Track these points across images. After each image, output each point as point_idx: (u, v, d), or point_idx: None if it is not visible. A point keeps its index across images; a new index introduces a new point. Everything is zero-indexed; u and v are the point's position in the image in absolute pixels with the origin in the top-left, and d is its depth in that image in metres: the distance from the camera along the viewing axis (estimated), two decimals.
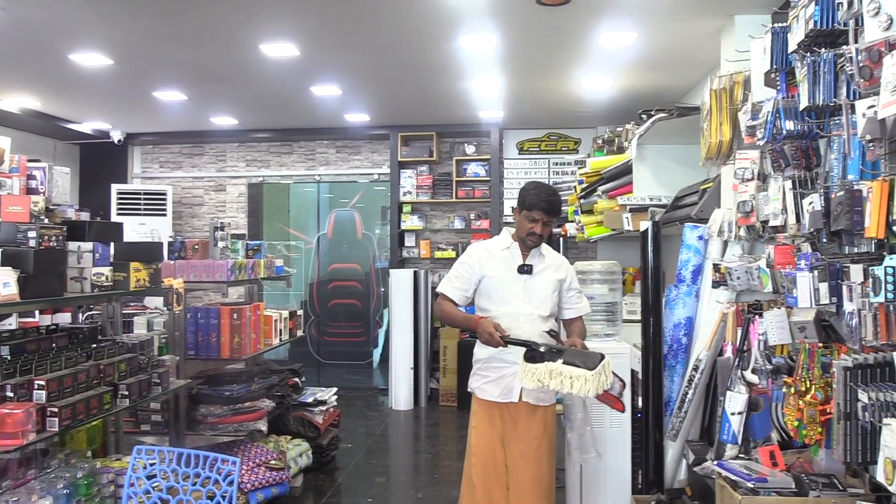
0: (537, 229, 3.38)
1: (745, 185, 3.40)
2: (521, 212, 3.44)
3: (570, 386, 3.02)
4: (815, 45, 2.70)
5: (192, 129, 8.64)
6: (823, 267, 2.63)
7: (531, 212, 3.39)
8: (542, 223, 3.38)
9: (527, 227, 3.41)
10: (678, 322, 4.30)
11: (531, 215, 3.39)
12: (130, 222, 8.10)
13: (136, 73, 6.00)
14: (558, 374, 3.03)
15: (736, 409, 3.34)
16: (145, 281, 3.60)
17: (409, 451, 6.57)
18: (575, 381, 3.01)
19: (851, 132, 2.46)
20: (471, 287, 3.47)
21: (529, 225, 3.39)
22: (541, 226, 3.38)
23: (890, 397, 2.21)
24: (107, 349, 3.45)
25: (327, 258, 9.11)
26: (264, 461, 4.55)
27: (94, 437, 3.98)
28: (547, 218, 3.39)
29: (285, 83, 6.31)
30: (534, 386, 3.09)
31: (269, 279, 5.35)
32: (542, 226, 3.39)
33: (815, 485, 2.71)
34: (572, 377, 3.02)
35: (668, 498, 4.09)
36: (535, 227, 3.38)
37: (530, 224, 3.39)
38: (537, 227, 3.38)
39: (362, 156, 8.86)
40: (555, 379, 3.03)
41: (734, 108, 3.71)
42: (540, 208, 3.37)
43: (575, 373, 3.02)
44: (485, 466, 3.37)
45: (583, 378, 3.01)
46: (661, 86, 6.22)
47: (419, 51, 5.34)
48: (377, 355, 9.00)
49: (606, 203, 5.86)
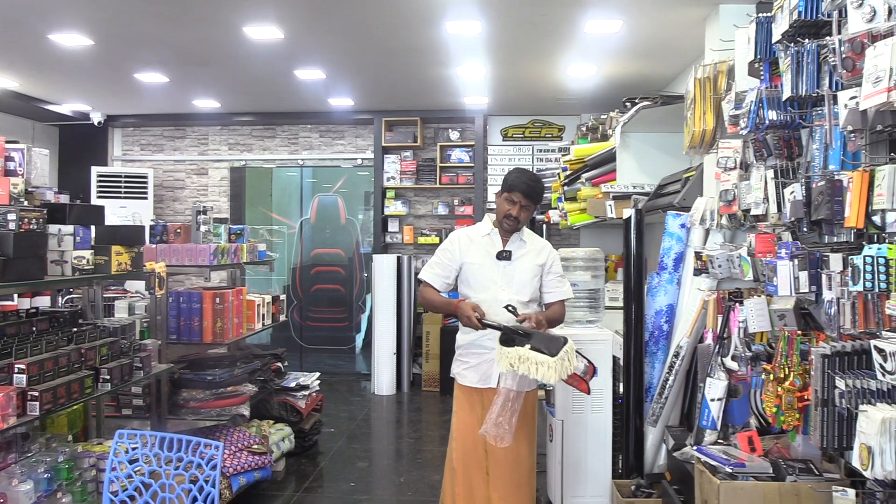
0: (514, 212, 3.40)
1: (727, 173, 3.43)
2: (502, 194, 3.47)
3: (535, 371, 3.05)
4: (799, 36, 2.72)
5: (174, 111, 8.55)
6: (803, 256, 2.66)
7: (511, 193, 3.41)
8: (521, 206, 3.40)
9: (505, 209, 3.43)
10: (660, 309, 4.33)
11: (511, 196, 3.41)
12: (111, 205, 8.00)
13: (117, 54, 5.92)
14: (525, 359, 3.07)
15: (715, 396, 3.38)
16: (127, 265, 3.57)
17: (392, 436, 6.60)
18: (539, 366, 3.05)
19: (833, 123, 2.48)
20: (451, 274, 3.50)
21: (508, 207, 3.42)
22: (518, 209, 3.40)
23: (866, 384, 2.25)
24: (88, 333, 3.42)
25: (310, 243, 9.08)
26: (246, 446, 4.55)
27: (75, 421, 3.96)
28: (526, 201, 3.40)
29: (269, 66, 6.26)
30: (506, 369, 3.11)
31: (251, 264, 5.33)
32: (520, 209, 3.40)
33: (792, 470, 2.75)
34: (537, 363, 3.05)
35: (647, 483, 4.14)
36: (513, 210, 3.40)
37: (508, 206, 3.41)
38: (515, 209, 3.40)
39: (346, 140, 8.82)
40: (523, 364, 3.06)
41: (718, 98, 3.73)
42: (519, 189, 3.39)
43: (539, 359, 3.06)
44: (465, 451, 3.39)
45: (546, 364, 3.04)
46: (646, 74, 6.23)
47: (404, 35, 5.31)
48: (360, 340, 9.01)
49: (590, 190, 5.88)
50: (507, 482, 3.35)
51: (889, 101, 2.05)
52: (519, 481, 3.38)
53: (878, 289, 2.11)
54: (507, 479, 3.35)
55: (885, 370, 2.09)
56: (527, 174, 3.48)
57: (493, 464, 3.37)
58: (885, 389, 2.22)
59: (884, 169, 2.18)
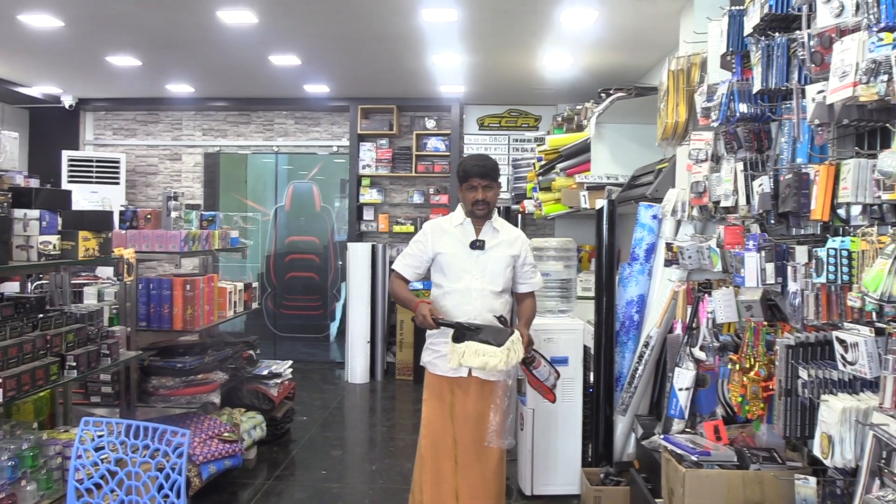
0: (479, 195, 3.41)
1: (698, 165, 3.45)
2: (461, 186, 3.50)
3: (483, 363, 3.13)
4: (770, 30, 2.74)
5: (147, 95, 8.43)
6: (770, 248, 2.69)
7: (468, 181, 3.44)
8: (482, 188, 3.41)
9: (469, 198, 3.44)
10: (631, 299, 4.37)
11: (470, 184, 3.44)
12: (82, 190, 7.91)
13: (88, 36, 5.82)
14: (474, 352, 3.14)
15: (684, 385, 3.42)
16: (95, 250, 3.52)
17: (365, 425, 6.60)
18: (488, 357, 3.13)
19: (801, 116, 2.50)
20: (423, 265, 3.52)
21: (471, 194, 3.43)
22: (481, 191, 3.41)
23: (828, 375, 2.29)
24: (54, 319, 3.37)
25: (285, 230, 9.02)
26: (217, 433, 4.52)
27: (41, 408, 3.90)
28: (485, 181, 3.42)
29: (243, 51, 6.19)
30: (456, 364, 3.20)
31: (223, 251, 5.28)
32: (483, 190, 3.42)
33: (756, 458, 2.80)
34: (485, 354, 3.13)
35: (616, 471, 4.19)
36: (478, 194, 3.41)
37: (471, 193, 3.43)
38: (478, 193, 3.41)
39: (322, 128, 8.76)
40: (474, 357, 3.14)
41: (691, 90, 3.74)
42: (474, 174, 3.42)
43: (487, 350, 3.13)
44: (434, 440, 3.40)
45: (491, 354, 3.12)
46: (621, 65, 6.25)
47: (380, 22, 5.27)
48: (334, 329, 8.98)
49: (564, 181, 5.89)
50: (476, 471, 3.37)
51: (855, 96, 2.07)
52: (488, 470, 3.39)
53: (841, 281, 2.14)
54: (475, 469, 3.36)
55: (846, 361, 2.12)
56: (474, 157, 3.53)
57: (461, 453, 3.38)
58: (846, 380, 2.26)
59: (849, 163, 2.21)
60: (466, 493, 3.35)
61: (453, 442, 3.38)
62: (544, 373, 3.46)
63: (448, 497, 3.36)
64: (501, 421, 3.27)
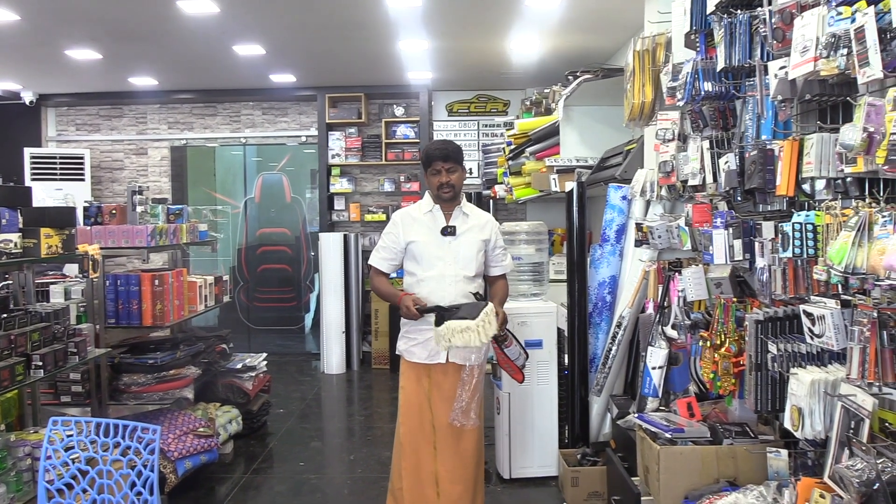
0: (443, 178, 3.41)
1: (665, 145, 3.46)
2: (426, 172, 3.50)
3: (464, 339, 3.14)
4: (732, 7, 2.74)
5: (110, 89, 8.28)
6: (738, 224, 2.71)
7: (432, 165, 3.45)
8: (446, 171, 3.42)
9: (434, 182, 3.44)
10: (603, 280, 4.39)
11: (433, 168, 3.44)
12: (46, 188, 7.77)
13: (46, 30, 5.68)
14: (456, 330, 3.15)
15: (657, 364, 3.45)
16: (58, 247, 3.46)
17: (342, 415, 6.58)
18: (467, 332, 3.14)
19: (765, 93, 2.51)
20: (398, 256, 3.52)
21: (435, 178, 3.44)
22: (445, 174, 3.42)
23: (797, 348, 2.31)
24: (17, 319, 3.30)
25: (255, 223, 8.94)
26: (192, 429, 4.48)
27: (9, 409, 3.83)
28: (448, 164, 3.42)
29: (205, 42, 6.09)
30: (443, 347, 3.21)
31: (192, 244, 5.21)
32: (447, 173, 3.42)
33: (729, 433, 2.83)
34: (465, 329, 3.14)
35: (593, 451, 4.21)
36: (441, 178, 3.42)
37: (436, 177, 3.43)
38: (442, 176, 3.42)
39: (289, 118, 8.67)
40: (456, 335, 3.15)
41: (656, 70, 3.76)
42: (436, 157, 3.42)
43: (467, 325, 3.15)
44: (411, 427, 3.40)
45: (469, 328, 3.14)
46: (588, 47, 6.25)
47: (344, 9, 5.21)
48: (309, 320, 8.94)
49: (534, 164, 5.90)
50: (455, 456, 3.38)
51: (816, 70, 2.08)
52: (466, 454, 3.40)
53: (807, 255, 2.16)
54: (454, 453, 3.37)
55: (814, 334, 2.15)
56: (436, 142, 3.57)
57: (440, 438, 3.38)
58: (814, 353, 2.28)
59: (812, 137, 2.22)
60: (446, 478, 3.36)
61: (431, 428, 3.38)
62: (514, 352, 3.48)
63: (427, 482, 3.37)
64: (469, 399, 3.26)
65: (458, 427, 3.33)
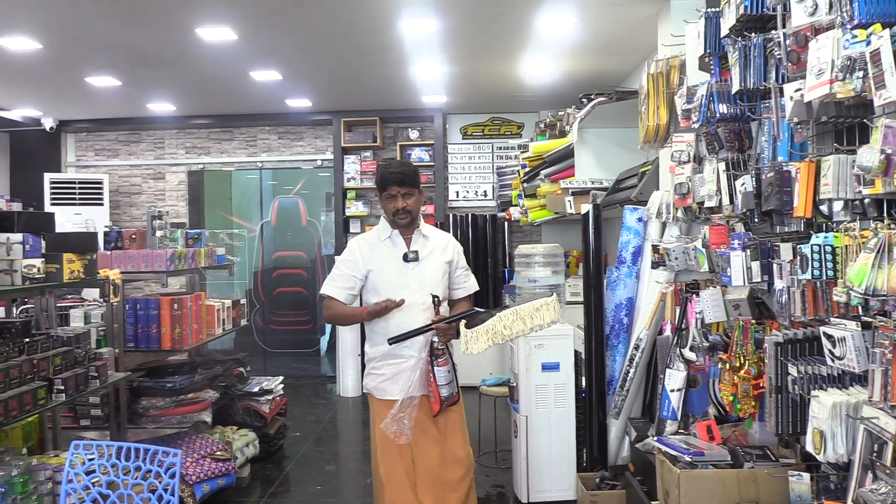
0: (399, 204, 3.23)
1: (681, 167, 3.47)
2: (381, 196, 3.31)
3: (541, 320, 3.04)
4: (746, 30, 2.76)
5: (129, 115, 8.40)
6: (755, 246, 2.71)
7: (387, 189, 3.26)
8: (402, 195, 3.23)
9: (390, 207, 3.26)
10: (619, 302, 4.38)
11: (388, 192, 3.25)
12: (65, 212, 7.85)
13: (67, 57, 5.80)
14: (510, 319, 3.03)
15: (675, 386, 3.43)
16: (80, 272, 3.50)
17: (358, 438, 6.56)
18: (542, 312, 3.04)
19: (780, 115, 2.52)
20: (356, 284, 3.30)
21: (391, 203, 3.25)
22: (401, 199, 3.23)
23: (817, 370, 2.30)
24: (40, 343, 3.34)
25: (271, 246, 8.99)
26: (209, 452, 4.49)
27: (30, 433, 3.87)
28: (404, 189, 3.23)
29: (223, 68, 6.18)
30: (484, 347, 3.02)
31: (210, 268, 5.26)
32: (403, 198, 3.23)
33: (750, 456, 2.80)
34: (534, 308, 3.04)
35: (612, 475, 4.18)
36: (398, 203, 3.23)
37: (391, 202, 3.25)
38: (398, 202, 3.23)
39: (305, 142, 8.76)
40: (521, 322, 3.04)
41: (671, 92, 3.78)
42: (392, 181, 3.24)
43: (524, 307, 3.05)
44: (392, 464, 3.20)
45: (548, 302, 3.06)
46: (601, 70, 6.29)
47: (360, 35, 5.28)
48: (324, 343, 8.95)
49: (549, 186, 5.92)
50: (441, 484, 3.22)
51: (832, 93, 2.09)
52: (455, 480, 3.24)
53: (826, 276, 2.15)
54: (440, 482, 3.21)
55: (835, 356, 2.14)
56: (391, 164, 3.37)
57: (422, 472, 3.21)
58: (835, 375, 2.27)
59: (829, 159, 2.23)
60: None
61: (411, 463, 3.21)
62: (443, 376, 3.14)
63: None
64: (401, 408, 3.07)
65: (438, 462, 3.20)
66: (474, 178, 8.51)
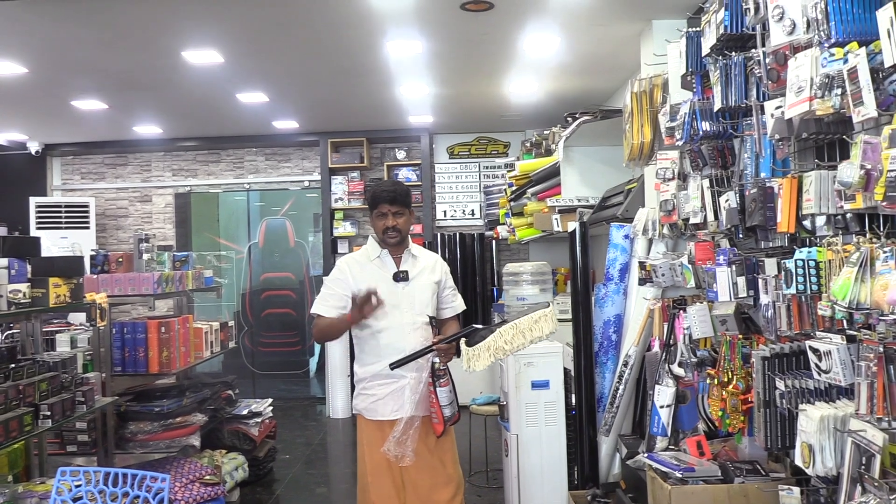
0: (390, 223, 3.24)
1: (666, 184, 3.51)
2: (371, 215, 3.33)
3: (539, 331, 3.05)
4: (727, 49, 2.81)
5: (115, 138, 8.39)
6: (740, 261, 2.74)
7: (378, 207, 3.26)
8: (392, 214, 3.24)
9: (380, 226, 3.26)
10: (608, 319, 4.39)
11: (379, 211, 3.26)
12: (51, 236, 7.80)
13: (53, 81, 5.79)
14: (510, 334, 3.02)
15: (664, 402, 3.44)
16: (66, 297, 3.48)
17: (349, 460, 6.51)
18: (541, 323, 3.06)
19: (762, 132, 2.56)
20: (347, 304, 3.21)
21: (381, 222, 3.25)
22: (392, 218, 3.24)
23: (805, 384, 2.32)
24: (26, 368, 3.31)
25: (259, 267, 8.97)
26: (198, 477, 4.44)
27: (16, 460, 3.82)
28: (395, 208, 3.24)
29: (210, 90, 6.19)
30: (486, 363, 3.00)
31: (198, 290, 5.24)
32: (394, 217, 3.24)
33: (740, 471, 2.81)
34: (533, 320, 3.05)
35: (603, 492, 4.17)
36: (388, 222, 3.24)
37: (381, 221, 3.26)
38: (389, 220, 3.24)
39: (292, 163, 8.77)
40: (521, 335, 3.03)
41: (654, 110, 3.82)
42: (383, 200, 3.24)
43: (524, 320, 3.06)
44: (382, 487, 3.18)
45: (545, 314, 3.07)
46: (586, 89, 6.35)
47: (345, 57, 5.32)
48: (314, 364, 8.90)
49: (536, 205, 5.95)
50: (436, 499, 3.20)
51: (811, 110, 2.12)
52: (445, 500, 3.21)
53: (810, 291, 2.18)
54: (431, 502, 3.19)
55: (821, 369, 2.16)
56: (383, 183, 3.38)
57: (412, 490, 3.18)
58: (822, 388, 2.29)
59: (811, 175, 2.26)
60: None
61: (402, 483, 3.18)
62: (445, 396, 3.12)
63: None
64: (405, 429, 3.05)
65: (429, 483, 3.17)
66: (461, 196, 8.54)
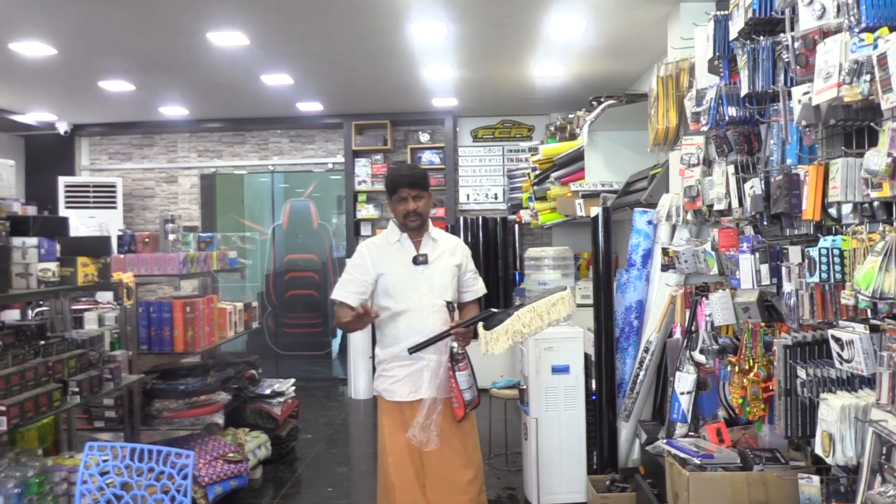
0: (410, 206, 3.23)
1: (690, 170, 3.48)
2: (391, 199, 3.30)
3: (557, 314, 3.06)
4: (755, 33, 2.77)
5: (142, 119, 8.47)
6: (764, 249, 2.72)
7: (397, 192, 3.25)
8: (412, 198, 3.23)
9: (400, 210, 3.25)
10: (629, 305, 4.38)
11: (399, 195, 3.24)
12: (79, 216, 7.91)
13: (81, 62, 5.86)
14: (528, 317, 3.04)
15: (685, 389, 3.43)
16: (94, 276, 3.54)
17: (370, 440, 6.57)
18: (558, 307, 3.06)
19: (789, 118, 2.53)
20: (367, 288, 3.26)
21: (401, 206, 3.24)
22: (412, 202, 3.23)
23: (826, 373, 2.30)
24: (55, 346, 3.38)
25: (283, 249, 9.04)
26: (222, 454, 4.52)
27: (45, 435, 3.91)
28: (415, 191, 3.23)
29: (235, 72, 6.23)
30: (504, 347, 3.04)
31: (222, 271, 5.30)
32: (414, 201, 3.23)
33: (759, 459, 2.80)
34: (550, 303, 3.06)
35: (622, 477, 4.18)
36: (409, 206, 3.23)
37: (401, 205, 3.24)
38: (409, 204, 3.23)
39: (316, 145, 8.80)
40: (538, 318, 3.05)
41: (680, 95, 3.79)
42: (402, 184, 3.23)
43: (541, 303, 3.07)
44: (402, 468, 3.19)
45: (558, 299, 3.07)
46: (611, 73, 6.29)
47: (370, 39, 5.31)
48: (336, 345, 8.98)
49: (559, 189, 5.93)
50: (450, 487, 3.20)
51: (839, 96, 2.09)
52: (465, 483, 3.22)
53: (834, 279, 2.16)
54: (449, 485, 3.20)
55: (843, 359, 2.14)
56: (402, 167, 3.40)
57: (432, 472, 3.20)
58: (843, 377, 2.28)
59: (837, 162, 2.24)
60: None
61: (421, 466, 3.20)
62: (464, 380, 3.13)
63: None
64: (428, 414, 3.08)
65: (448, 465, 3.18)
66: (485, 180, 8.53)
